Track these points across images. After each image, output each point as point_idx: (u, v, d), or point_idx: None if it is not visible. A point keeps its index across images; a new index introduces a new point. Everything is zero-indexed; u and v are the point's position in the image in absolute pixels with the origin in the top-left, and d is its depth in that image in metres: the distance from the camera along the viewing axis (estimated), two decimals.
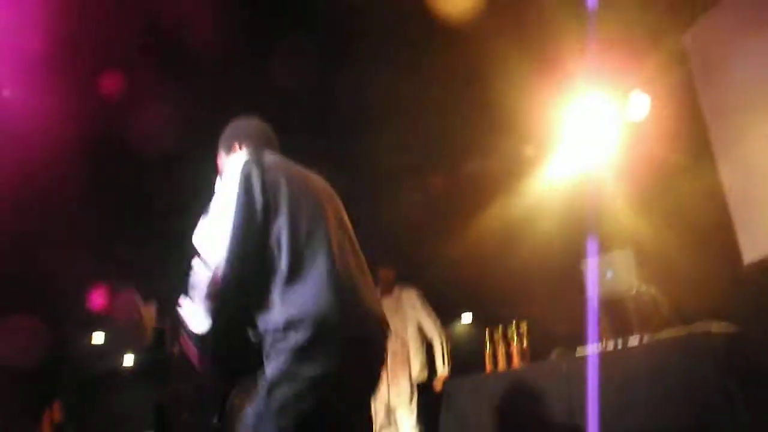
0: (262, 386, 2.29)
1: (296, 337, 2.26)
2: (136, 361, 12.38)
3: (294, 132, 3.38)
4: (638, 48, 5.81)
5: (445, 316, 6.09)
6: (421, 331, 5.81)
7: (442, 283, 6.64)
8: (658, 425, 4.28)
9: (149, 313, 5.69)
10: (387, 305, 5.87)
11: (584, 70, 5.84)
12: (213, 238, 2.42)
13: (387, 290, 5.94)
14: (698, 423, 4.10)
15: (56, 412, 7.37)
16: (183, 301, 2.53)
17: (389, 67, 5.58)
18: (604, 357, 4.67)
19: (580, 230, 5.83)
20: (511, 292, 7.13)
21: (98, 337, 11.31)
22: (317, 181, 2.71)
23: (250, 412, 2.30)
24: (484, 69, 5.60)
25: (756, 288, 4.93)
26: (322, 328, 2.26)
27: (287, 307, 2.30)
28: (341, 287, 2.35)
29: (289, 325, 2.27)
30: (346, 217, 2.68)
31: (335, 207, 2.65)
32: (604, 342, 4.99)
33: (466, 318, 11.34)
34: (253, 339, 2.45)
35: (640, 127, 5.92)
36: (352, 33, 5.56)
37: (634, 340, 4.72)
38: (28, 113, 5.33)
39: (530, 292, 6.75)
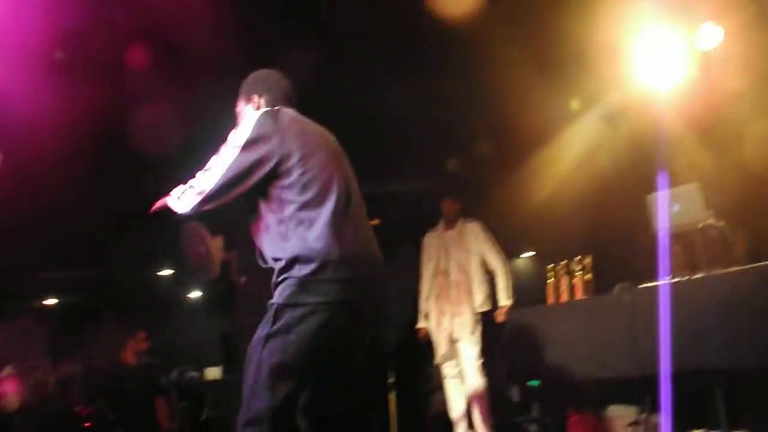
0: (269, 310, 2.61)
1: (300, 270, 2.57)
2: (202, 294, 12.74)
3: None
4: None
5: (507, 252, 6.07)
6: (484, 263, 5.83)
7: (503, 220, 6.61)
8: (726, 359, 4.28)
9: (216, 244, 5.77)
10: (451, 237, 5.91)
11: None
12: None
13: (451, 223, 5.95)
14: None
15: (140, 342, 7.59)
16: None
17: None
18: (673, 288, 4.65)
19: (646, 164, 5.74)
20: (574, 228, 7.08)
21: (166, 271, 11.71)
22: (327, 135, 2.96)
23: (258, 333, 2.61)
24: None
25: None
26: (323, 263, 2.57)
27: (294, 244, 2.61)
28: (343, 230, 2.65)
29: (295, 260, 2.59)
30: (350, 169, 2.93)
31: (342, 159, 2.91)
32: (671, 276, 4.96)
33: (527, 256, 11.34)
34: (262, 265, 2.82)
35: (710, 60, 5.73)
36: None
37: (701, 275, 4.69)
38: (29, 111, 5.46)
39: (594, 227, 6.70)
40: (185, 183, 2.81)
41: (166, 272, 11.76)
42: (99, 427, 6.81)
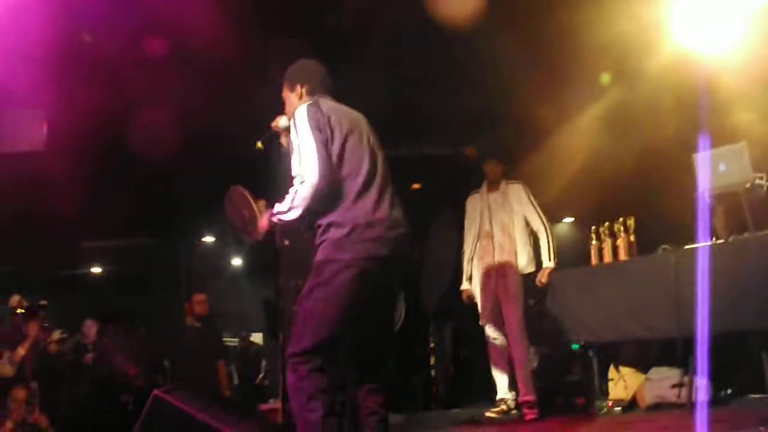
0: (314, 266, 3.12)
1: (336, 233, 3.06)
2: (244, 260, 12.90)
3: None
4: None
5: (547, 218, 6.05)
6: (527, 225, 5.82)
7: (542, 185, 6.57)
8: (758, 324, 4.27)
9: (261, 207, 5.84)
10: (494, 199, 5.90)
11: None
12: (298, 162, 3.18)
13: (494, 185, 5.95)
14: None
15: (198, 304, 7.71)
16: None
17: None
18: (714, 250, 4.62)
19: (692, 123, 5.67)
20: (614, 191, 7.04)
21: (209, 237, 11.87)
22: (359, 118, 3.41)
23: (306, 286, 3.11)
24: None
25: None
26: (354, 227, 3.06)
27: (331, 212, 3.10)
28: (371, 198, 3.16)
29: (331, 224, 3.08)
30: (378, 145, 3.38)
31: (371, 138, 3.36)
32: (716, 238, 4.93)
33: (568, 221, 11.32)
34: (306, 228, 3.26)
35: (762, 18, 5.61)
36: None
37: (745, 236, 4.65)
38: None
39: (637, 189, 6.65)
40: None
41: (209, 239, 11.92)
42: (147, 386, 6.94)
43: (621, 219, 5.59)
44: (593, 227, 5.87)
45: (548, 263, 5.73)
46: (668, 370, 5.31)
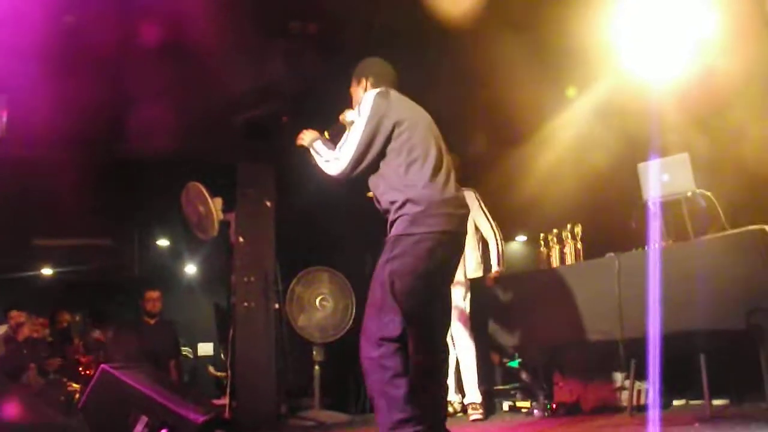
0: (388, 242, 3.34)
1: (412, 209, 3.30)
2: (198, 264, 12.80)
3: None
4: None
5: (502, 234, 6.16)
6: (477, 231, 5.93)
7: (496, 203, 6.69)
8: (709, 323, 4.41)
9: (216, 205, 5.91)
10: None
11: None
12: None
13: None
14: (754, 326, 4.21)
15: (148, 302, 7.68)
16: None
17: None
18: (657, 255, 4.77)
19: (637, 136, 5.88)
20: (565, 209, 7.20)
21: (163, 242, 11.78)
22: (423, 111, 3.72)
23: (380, 261, 3.33)
24: None
25: None
26: (429, 204, 3.31)
27: (407, 190, 3.34)
28: (441, 179, 3.42)
29: (407, 201, 3.31)
30: (440, 135, 3.68)
31: (434, 128, 3.68)
32: (658, 243, 5.09)
33: (522, 239, 11.46)
34: (381, 207, 3.52)
35: (706, 41, 5.86)
36: None
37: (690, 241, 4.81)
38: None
39: (586, 198, 6.80)
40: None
41: (164, 242, 11.82)
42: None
43: (569, 226, 5.75)
44: (542, 234, 6.01)
45: (496, 267, 5.86)
46: (611, 374, 5.47)
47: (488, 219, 5.93)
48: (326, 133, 3.81)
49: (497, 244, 5.88)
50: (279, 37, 6.10)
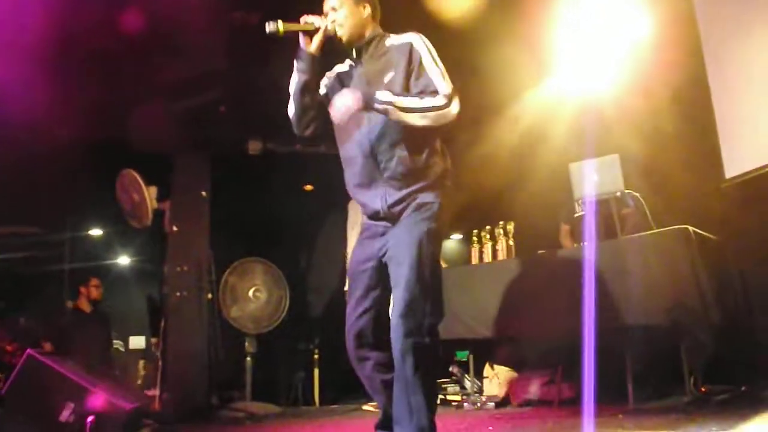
0: (428, 208, 3.03)
1: (448, 181, 3.14)
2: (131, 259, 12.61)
3: None
4: None
5: None
6: None
7: None
8: (634, 322, 4.54)
9: (151, 193, 5.85)
10: None
11: None
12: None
13: None
14: (675, 321, 4.35)
15: (93, 288, 7.50)
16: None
17: None
18: (589, 251, 4.87)
19: (571, 137, 6.02)
20: (501, 200, 7.31)
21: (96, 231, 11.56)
22: None
23: (419, 229, 2.97)
24: None
25: (734, 200, 5.14)
26: (448, 171, 3.16)
27: (446, 161, 3.18)
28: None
29: (447, 172, 3.15)
30: None
31: None
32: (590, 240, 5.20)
33: (457, 237, 11.55)
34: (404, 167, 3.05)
35: (641, 44, 6.04)
36: None
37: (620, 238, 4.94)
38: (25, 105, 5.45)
39: (520, 197, 6.91)
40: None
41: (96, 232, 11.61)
42: None
43: (501, 223, 5.84)
44: (475, 231, 6.08)
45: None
46: (541, 369, 5.57)
47: None
48: (281, 28, 2.98)
49: None
50: (220, 26, 6.05)
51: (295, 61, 3.13)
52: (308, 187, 8.62)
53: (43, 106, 6.15)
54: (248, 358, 6.93)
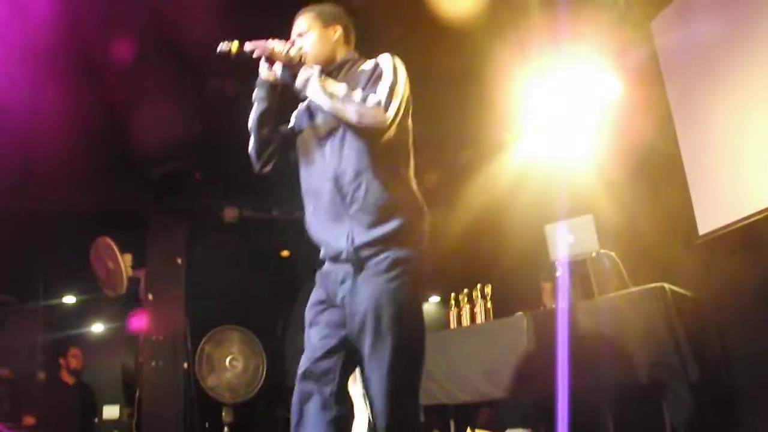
0: (407, 263, 2.66)
1: (413, 225, 2.74)
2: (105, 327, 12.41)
3: None
4: (611, 31, 6.05)
5: None
6: None
7: None
8: (614, 381, 4.51)
9: (126, 261, 5.80)
10: None
11: (557, 52, 6.09)
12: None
13: None
14: (655, 379, 4.34)
15: (73, 359, 7.37)
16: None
17: None
18: (564, 314, 4.89)
19: (546, 199, 6.08)
20: (478, 263, 7.33)
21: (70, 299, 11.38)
22: None
23: (405, 292, 2.62)
24: (452, 46, 5.80)
25: (709, 256, 5.19)
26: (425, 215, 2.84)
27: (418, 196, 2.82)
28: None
29: (425, 215, 2.81)
30: None
31: None
32: (565, 302, 5.22)
33: (434, 300, 11.52)
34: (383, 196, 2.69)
35: (612, 106, 6.16)
36: None
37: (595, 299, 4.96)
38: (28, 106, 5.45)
39: (497, 259, 6.94)
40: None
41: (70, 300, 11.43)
42: None
43: (479, 286, 5.84)
44: (452, 294, 6.08)
45: None
46: (522, 430, 5.51)
47: None
48: (234, 46, 2.70)
49: None
50: (196, 93, 6.09)
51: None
52: (285, 253, 8.61)
53: (17, 173, 6.13)
54: (225, 429, 6.80)
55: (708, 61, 5.39)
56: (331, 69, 2.86)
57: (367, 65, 2.83)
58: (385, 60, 2.76)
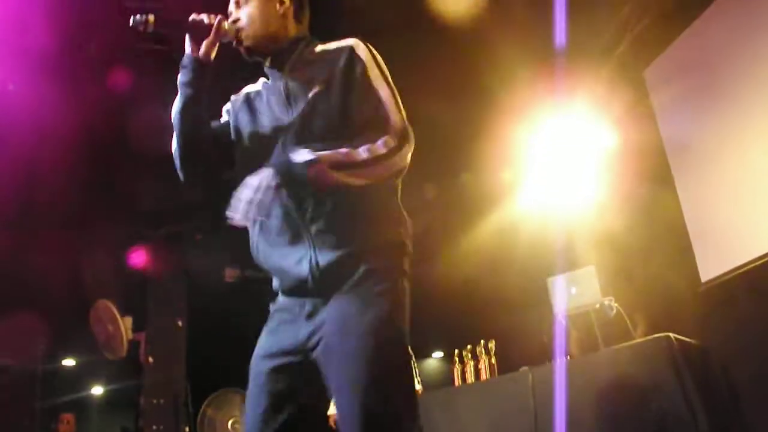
0: (390, 293, 2.04)
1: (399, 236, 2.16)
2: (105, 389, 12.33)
3: None
4: (605, 82, 6.12)
5: (416, 352, 6.17)
6: None
7: (412, 321, 6.73)
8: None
9: (126, 324, 5.77)
10: None
11: (556, 102, 6.15)
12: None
13: None
14: (665, 428, 4.27)
15: (67, 425, 7.28)
16: None
17: None
18: (569, 367, 4.85)
19: (547, 252, 6.07)
20: (481, 317, 7.29)
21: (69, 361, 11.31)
22: None
23: (394, 326, 2.01)
24: (456, 92, 5.85)
25: (713, 303, 5.16)
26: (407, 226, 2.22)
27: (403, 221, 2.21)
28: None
29: (402, 221, 2.20)
30: None
31: None
32: (570, 355, 5.19)
33: (437, 355, 11.46)
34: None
35: (609, 155, 6.20)
36: None
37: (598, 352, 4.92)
38: (31, 109, 5.43)
39: (500, 314, 6.91)
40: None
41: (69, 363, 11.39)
42: None
43: (482, 342, 5.80)
44: (456, 351, 6.04)
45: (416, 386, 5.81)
46: None
47: None
48: (150, 18, 2.07)
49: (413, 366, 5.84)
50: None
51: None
52: None
53: (15, 234, 6.12)
54: None
55: (701, 108, 5.44)
56: (277, 51, 2.25)
57: (331, 46, 2.25)
58: (363, 51, 2.19)
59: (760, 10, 4.76)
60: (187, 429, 6.56)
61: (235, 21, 2.23)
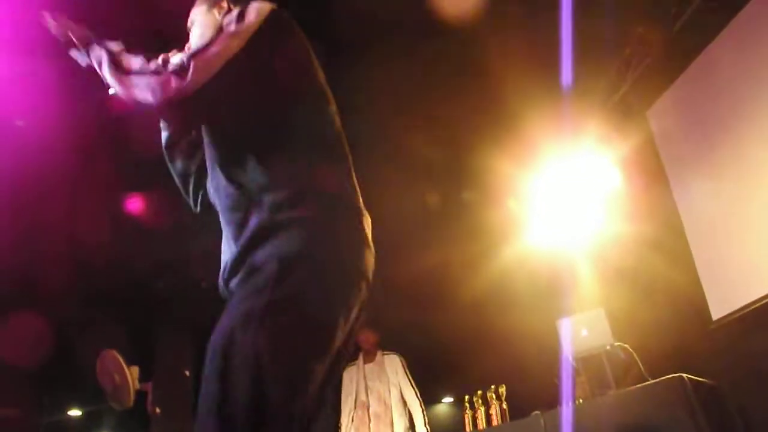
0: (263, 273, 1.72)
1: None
2: None
3: None
4: (609, 122, 6.15)
5: (427, 398, 6.09)
6: (403, 396, 5.82)
7: (422, 364, 6.68)
8: None
9: (133, 374, 5.72)
10: (370, 369, 5.90)
11: (559, 144, 6.17)
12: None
13: (369, 354, 5.97)
14: None
15: None
16: None
17: None
18: (581, 410, 4.80)
19: (555, 293, 6.03)
20: (491, 361, 7.23)
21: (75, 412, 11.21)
22: None
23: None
24: (456, 138, 5.87)
25: (725, 341, 5.11)
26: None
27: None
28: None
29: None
30: None
31: None
32: (581, 399, 5.12)
33: (447, 400, 11.35)
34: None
35: (615, 196, 6.20)
36: None
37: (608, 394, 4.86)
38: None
39: (509, 357, 6.86)
40: None
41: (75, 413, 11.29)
42: None
43: (493, 387, 5.74)
44: (467, 396, 5.97)
45: (423, 430, 5.73)
46: None
47: (412, 386, 5.81)
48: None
49: (421, 411, 5.76)
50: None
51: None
52: None
53: (21, 286, 6.11)
54: None
55: (705, 145, 5.44)
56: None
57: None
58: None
59: (760, 46, 4.78)
60: None
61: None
